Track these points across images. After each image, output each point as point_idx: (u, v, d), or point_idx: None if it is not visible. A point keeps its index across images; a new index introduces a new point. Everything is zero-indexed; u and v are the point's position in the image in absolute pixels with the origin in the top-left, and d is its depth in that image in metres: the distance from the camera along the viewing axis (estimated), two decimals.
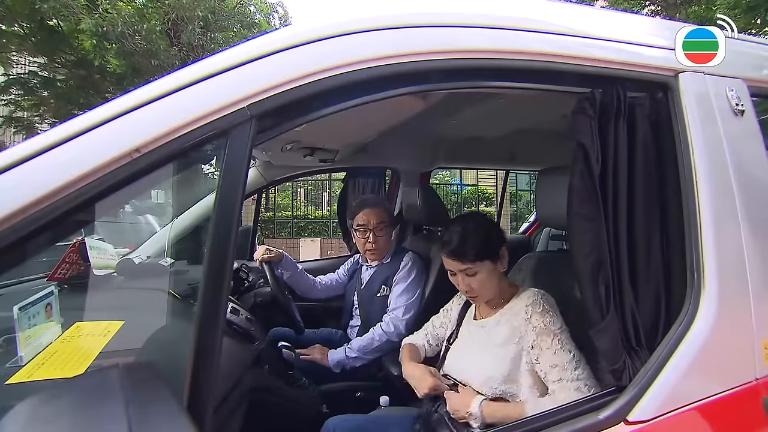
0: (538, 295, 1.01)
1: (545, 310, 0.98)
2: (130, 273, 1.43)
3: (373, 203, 1.80)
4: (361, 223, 1.74)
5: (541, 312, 0.98)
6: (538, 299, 1.00)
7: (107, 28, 6.91)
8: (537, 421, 0.78)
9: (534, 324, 0.97)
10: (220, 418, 1.00)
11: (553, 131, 1.63)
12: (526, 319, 0.99)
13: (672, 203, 0.81)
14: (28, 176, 0.54)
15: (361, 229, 1.74)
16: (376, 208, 1.76)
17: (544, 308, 0.98)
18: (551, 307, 0.99)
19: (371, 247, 1.74)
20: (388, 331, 1.59)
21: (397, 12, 0.71)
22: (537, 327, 0.96)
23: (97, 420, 0.45)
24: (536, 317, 0.97)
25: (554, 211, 1.07)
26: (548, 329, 0.95)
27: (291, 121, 0.67)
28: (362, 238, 1.75)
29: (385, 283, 1.73)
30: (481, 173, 9.85)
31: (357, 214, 1.75)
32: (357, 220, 1.75)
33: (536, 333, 0.96)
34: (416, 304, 1.66)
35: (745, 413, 0.78)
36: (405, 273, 1.71)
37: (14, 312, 0.81)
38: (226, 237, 0.60)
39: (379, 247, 1.75)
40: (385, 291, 1.72)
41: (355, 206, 1.80)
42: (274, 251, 1.73)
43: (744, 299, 0.79)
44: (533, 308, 0.99)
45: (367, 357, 1.59)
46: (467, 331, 1.15)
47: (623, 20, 0.91)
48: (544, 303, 0.99)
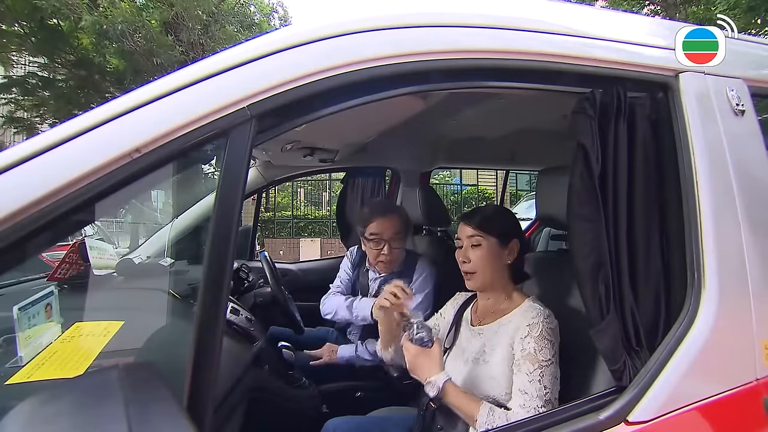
0: (542, 317, 0.97)
1: (543, 336, 0.94)
2: (130, 273, 1.43)
3: (388, 211, 1.61)
4: (376, 232, 1.55)
5: (537, 337, 0.94)
6: (539, 322, 0.96)
7: (107, 26, 6.91)
8: (537, 421, 0.78)
9: (525, 346, 0.95)
10: (220, 418, 1.00)
11: (553, 131, 1.63)
12: (521, 338, 0.96)
13: (672, 203, 0.81)
14: (28, 176, 0.54)
15: (375, 240, 1.56)
16: (391, 216, 1.57)
17: (541, 333, 0.95)
18: (550, 334, 0.95)
19: (385, 259, 1.57)
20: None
21: (397, 12, 0.71)
22: (527, 350, 0.94)
23: (97, 420, 0.45)
24: (530, 341, 0.95)
25: (554, 211, 1.07)
26: (536, 357, 0.93)
27: (291, 121, 0.67)
28: (375, 249, 1.57)
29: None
30: (481, 173, 9.86)
31: (370, 223, 1.56)
32: (370, 228, 1.56)
33: (524, 354, 0.94)
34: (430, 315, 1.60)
35: (746, 413, 0.78)
36: (420, 284, 1.58)
37: (14, 312, 0.81)
38: (226, 237, 0.60)
39: (393, 258, 1.58)
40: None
41: (368, 213, 1.60)
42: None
43: (744, 299, 0.79)
44: (531, 330, 0.96)
45: (377, 359, 1.52)
46: (465, 338, 1.12)
47: (623, 20, 0.91)
48: (544, 327, 0.95)
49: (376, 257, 1.59)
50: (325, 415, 1.29)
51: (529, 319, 0.98)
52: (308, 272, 2.48)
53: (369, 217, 1.58)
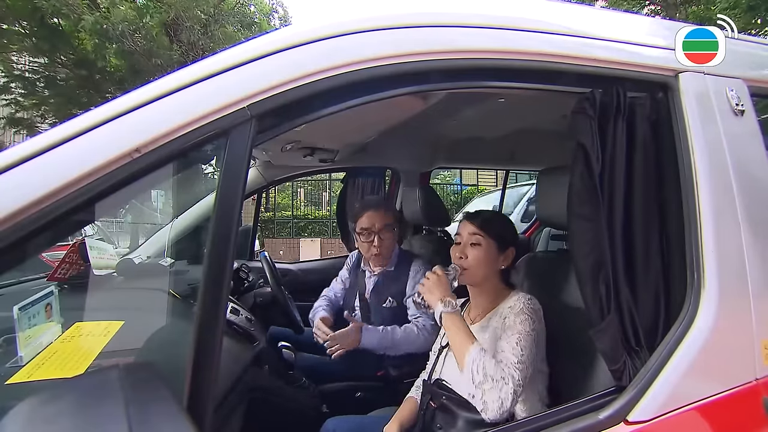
0: (523, 299, 1.02)
1: (522, 311, 0.99)
2: (130, 273, 1.43)
3: (377, 205, 1.69)
4: (365, 226, 1.63)
5: (517, 313, 0.99)
6: (519, 302, 1.01)
7: (107, 26, 6.92)
8: (537, 421, 0.78)
9: (505, 321, 1.00)
10: (220, 418, 1.01)
11: (553, 131, 1.63)
12: (503, 318, 1.01)
13: (672, 203, 0.81)
14: (28, 176, 0.54)
15: (365, 233, 1.63)
16: (380, 209, 1.65)
17: (521, 311, 0.99)
18: (531, 311, 1.00)
19: (376, 251, 1.63)
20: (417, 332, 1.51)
21: (397, 12, 0.71)
22: (507, 323, 0.99)
23: (98, 420, 0.45)
24: (512, 316, 1.00)
25: (554, 211, 1.07)
26: (515, 327, 0.97)
27: (291, 121, 0.67)
28: (366, 242, 1.63)
29: (392, 295, 1.63)
30: (481, 173, 9.86)
31: (360, 217, 1.64)
32: (360, 223, 1.64)
33: (504, 327, 0.99)
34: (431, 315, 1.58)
35: (745, 413, 0.78)
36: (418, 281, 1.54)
37: (14, 312, 0.81)
38: (226, 237, 0.60)
39: (384, 250, 1.64)
40: (392, 303, 1.62)
41: (358, 208, 1.70)
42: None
43: (744, 299, 0.79)
44: (512, 310, 1.01)
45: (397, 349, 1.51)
46: None
47: (623, 20, 0.91)
48: (524, 306, 1.00)
49: (368, 250, 1.65)
50: (325, 415, 1.29)
51: (511, 302, 1.03)
52: (308, 272, 2.48)
53: (359, 212, 1.66)
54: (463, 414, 0.98)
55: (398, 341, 1.49)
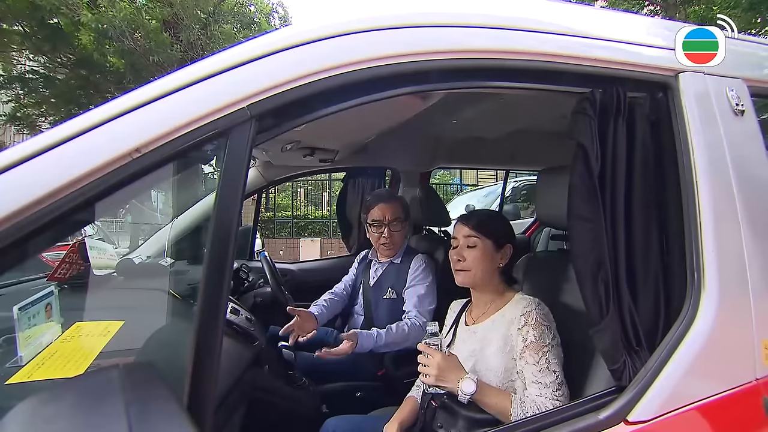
0: (533, 305, 0.99)
1: (538, 322, 0.97)
2: (130, 273, 1.43)
3: (388, 197, 1.75)
4: (377, 218, 1.69)
5: (534, 324, 0.97)
6: (532, 310, 0.99)
7: (107, 25, 6.92)
8: (537, 421, 0.78)
9: (524, 335, 0.97)
10: (220, 418, 1.01)
11: (553, 131, 1.63)
12: (518, 328, 0.98)
13: (672, 203, 0.81)
14: (28, 176, 0.54)
15: (376, 224, 1.70)
16: (391, 202, 1.72)
17: (537, 320, 0.97)
18: (545, 319, 0.98)
19: (386, 241, 1.69)
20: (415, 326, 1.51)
21: (397, 12, 0.71)
22: (528, 339, 0.96)
23: (98, 420, 0.45)
24: (528, 329, 0.97)
25: (554, 211, 1.07)
26: (538, 344, 0.95)
27: (291, 121, 0.67)
28: (377, 233, 1.70)
29: (392, 286, 1.67)
30: (481, 173, 9.84)
31: (372, 209, 1.71)
32: (372, 215, 1.71)
33: (525, 345, 0.96)
34: (436, 309, 1.58)
35: (745, 413, 0.78)
36: (422, 274, 1.63)
37: (14, 312, 0.81)
38: (226, 237, 0.60)
39: (394, 242, 1.70)
40: (391, 294, 1.66)
41: (370, 201, 1.76)
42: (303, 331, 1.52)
43: (744, 299, 0.80)
44: (526, 319, 0.98)
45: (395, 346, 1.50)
46: (460, 339, 1.15)
47: (623, 20, 0.91)
48: (538, 314, 0.98)
49: (378, 240, 1.71)
50: (325, 415, 1.29)
51: (522, 309, 1.00)
52: (308, 272, 2.48)
53: (371, 204, 1.73)
54: (464, 413, 0.98)
55: (394, 340, 1.49)
